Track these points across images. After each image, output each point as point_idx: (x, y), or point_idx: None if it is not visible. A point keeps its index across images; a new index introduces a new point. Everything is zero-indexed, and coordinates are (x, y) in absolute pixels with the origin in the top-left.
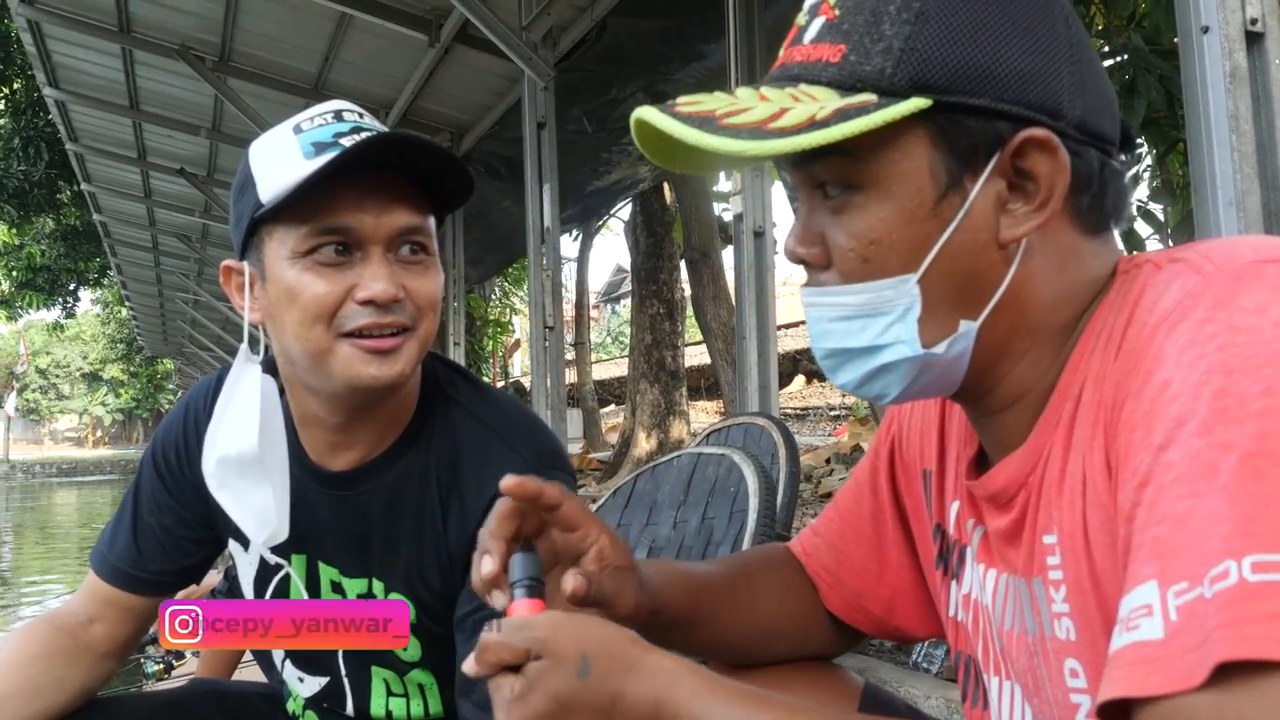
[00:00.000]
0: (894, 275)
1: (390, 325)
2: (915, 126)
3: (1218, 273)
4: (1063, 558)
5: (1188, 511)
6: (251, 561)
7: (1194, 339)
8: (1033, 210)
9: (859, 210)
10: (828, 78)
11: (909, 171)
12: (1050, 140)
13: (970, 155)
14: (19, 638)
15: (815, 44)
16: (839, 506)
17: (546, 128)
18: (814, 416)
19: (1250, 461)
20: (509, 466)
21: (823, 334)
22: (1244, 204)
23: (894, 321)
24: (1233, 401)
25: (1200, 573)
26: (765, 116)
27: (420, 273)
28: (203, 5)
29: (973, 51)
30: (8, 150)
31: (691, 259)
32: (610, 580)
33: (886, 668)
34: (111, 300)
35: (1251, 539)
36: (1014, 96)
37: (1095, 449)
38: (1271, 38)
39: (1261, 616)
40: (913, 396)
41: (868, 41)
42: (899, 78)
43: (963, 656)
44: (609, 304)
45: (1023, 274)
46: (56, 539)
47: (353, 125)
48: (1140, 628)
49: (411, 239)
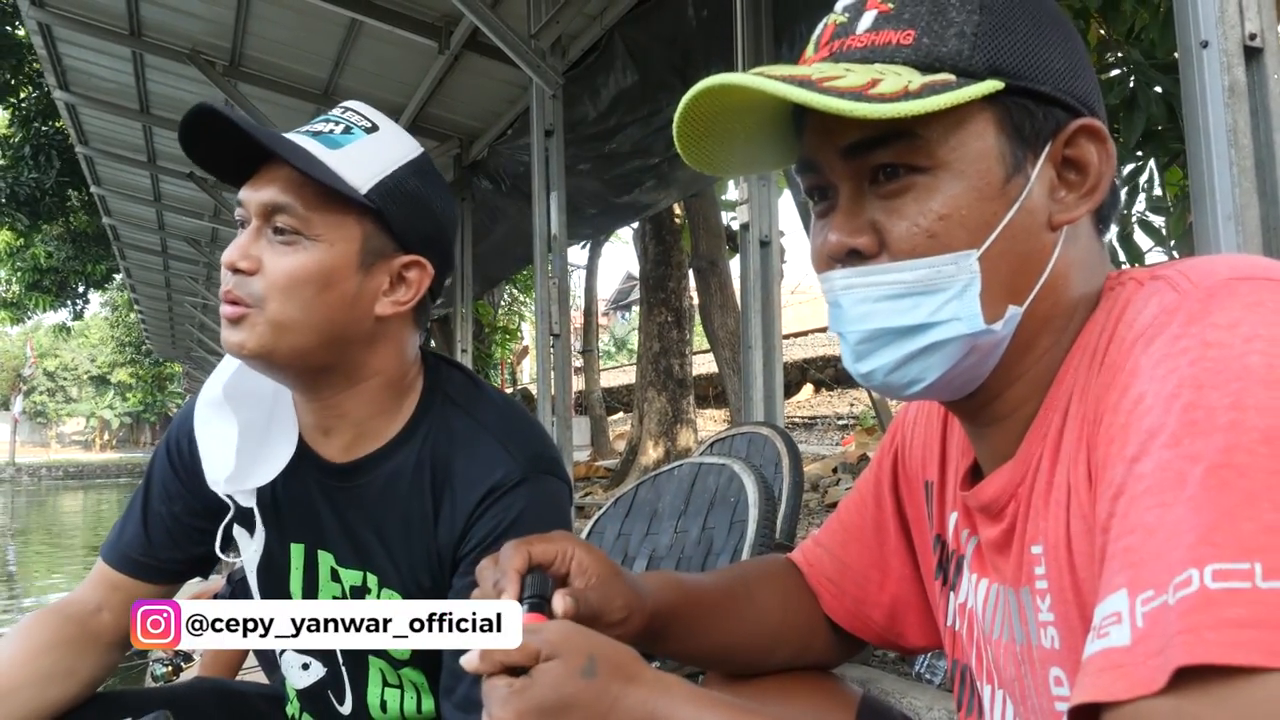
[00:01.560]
0: (958, 251)
1: (229, 297)
2: (984, 109)
3: (1193, 290)
4: (1048, 568)
5: (1156, 521)
6: (257, 548)
7: (1168, 353)
8: (1081, 197)
9: (926, 190)
10: (903, 57)
11: (980, 152)
12: (1102, 130)
13: (1032, 139)
14: (30, 627)
15: (875, 32)
16: (842, 516)
17: (554, 135)
18: (821, 426)
19: (1216, 473)
20: (501, 468)
21: (864, 315)
22: (1242, 218)
23: (952, 298)
24: (1202, 415)
25: (1165, 581)
26: (862, 83)
27: (281, 253)
28: (213, 10)
29: (1034, 42)
30: (18, 159)
31: (699, 267)
32: (595, 593)
33: (889, 679)
34: (120, 303)
35: (1214, 548)
36: (1068, 88)
37: (1079, 461)
38: (1270, 53)
39: (1220, 623)
40: (942, 386)
41: (937, 26)
42: (976, 59)
43: (958, 665)
44: (618, 311)
45: (1061, 261)
46: (61, 543)
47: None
48: (1109, 635)
49: (279, 217)
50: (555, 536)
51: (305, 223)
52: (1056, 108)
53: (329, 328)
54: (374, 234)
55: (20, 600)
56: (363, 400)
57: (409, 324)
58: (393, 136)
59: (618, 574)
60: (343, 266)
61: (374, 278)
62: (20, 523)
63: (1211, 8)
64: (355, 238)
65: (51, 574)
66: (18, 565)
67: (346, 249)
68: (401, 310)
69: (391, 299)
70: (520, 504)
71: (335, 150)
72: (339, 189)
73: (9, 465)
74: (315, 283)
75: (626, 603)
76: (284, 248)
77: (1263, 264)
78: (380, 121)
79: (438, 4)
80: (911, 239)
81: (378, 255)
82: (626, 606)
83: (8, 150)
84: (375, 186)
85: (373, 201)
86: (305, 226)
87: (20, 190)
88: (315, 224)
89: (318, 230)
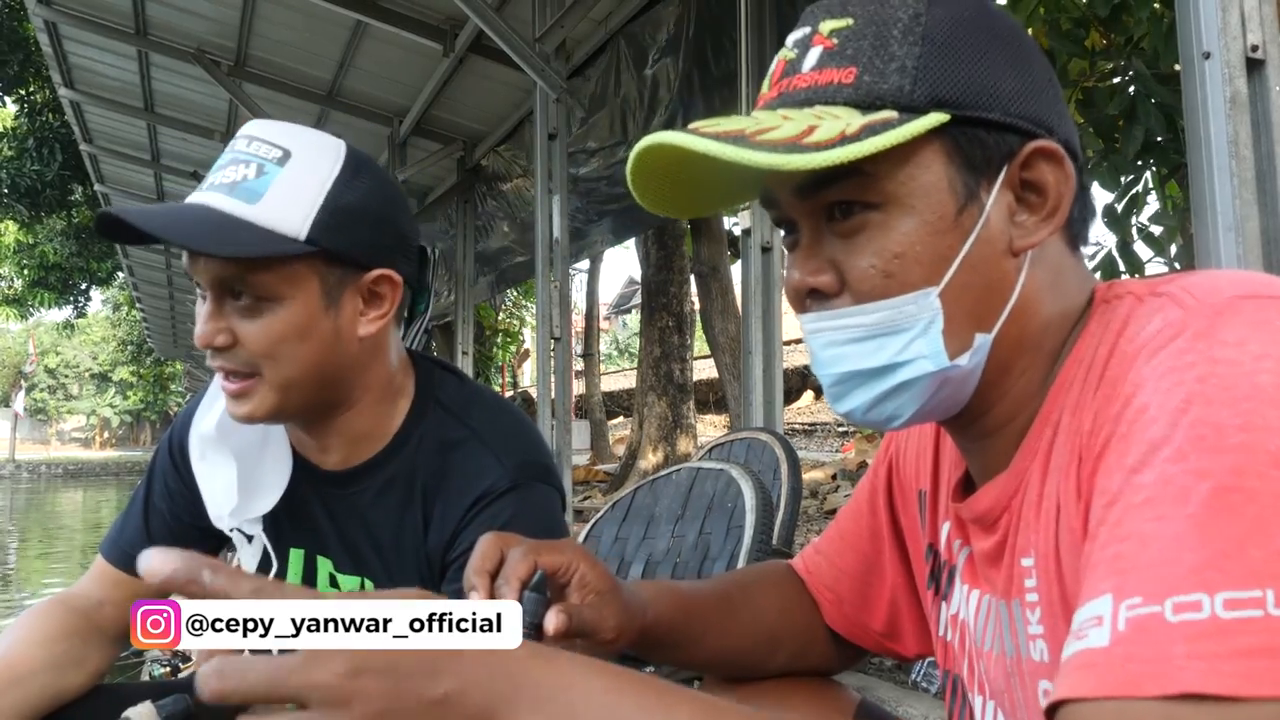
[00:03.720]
0: (916, 289)
1: (221, 370)
2: (931, 141)
3: (1199, 307)
4: (1038, 580)
5: (1153, 533)
6: (254, 553)
7: (1174, 367)
8: (1041, 220)
9: (879, 228)
10: (844, 97)
11: (929, 185)
12: (1057, 151)
13: (984, 167)
14: (37, 616)
15: (819, 70)
16: (840, 525)
17: (557, 139)
18: (822, 432)
19: (1225, 495)
20: (490, 474)
21: (834, 359)
22: (1243, 229)
23: (915, 337)
24: (1210, 431)
25: (1160, 593)
26: (797, 133)
27: (249, 320)
28: (219, 10)
29: (978, 69)
30: (21, 150)
31: (701, 273)
32: (590, 610)
33: (886, 686)
34: (122, 301)
35: (1225, 575)
36: (1018, 111)
37: (1069, 475)
38: (1272, 64)
39: (1234, 653)
40: (922, 418)
41: (879, 62)
42: (918, 93)
43: (950, 676)
44: (619, 315)
45: (1028, 285)
46: (61, 539)
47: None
48: (1088, 637)
49: (235, 286)
50: (563, 546)
51: (259, 288)
52: (1008, 133)
53: (323, 370)
54: (330, 270)
55: (18, 594)
56: (357, 418)
57: (390, 330)
58: (309, 156)
59: (616, 591)
60: (312, 314)
61: (346, 307)
62: (20, 520)
63: (1214, 19)
64: (313, 283)
65: (51, 570)
66: (18, 561)
67: (309, 297)
68: (382, 324)
69: (369, 317)
70: (509, 510)
71: (256, 203)
72: (276, 252)
73: (9, 462)
74: (292, 339)
75: (618, 624)
76: (249, 313)
77: (1265, 281)
78: (291, 143)
79: (443, 7)
80: (869, 279)
81: (341, 285)
82: (618, 627)
83: (13, 142)
84: (313, 225)
85: (315, 243)
86: (261, 291)
87: (21, 181)
88: (269, 285)
89: (274, 290)
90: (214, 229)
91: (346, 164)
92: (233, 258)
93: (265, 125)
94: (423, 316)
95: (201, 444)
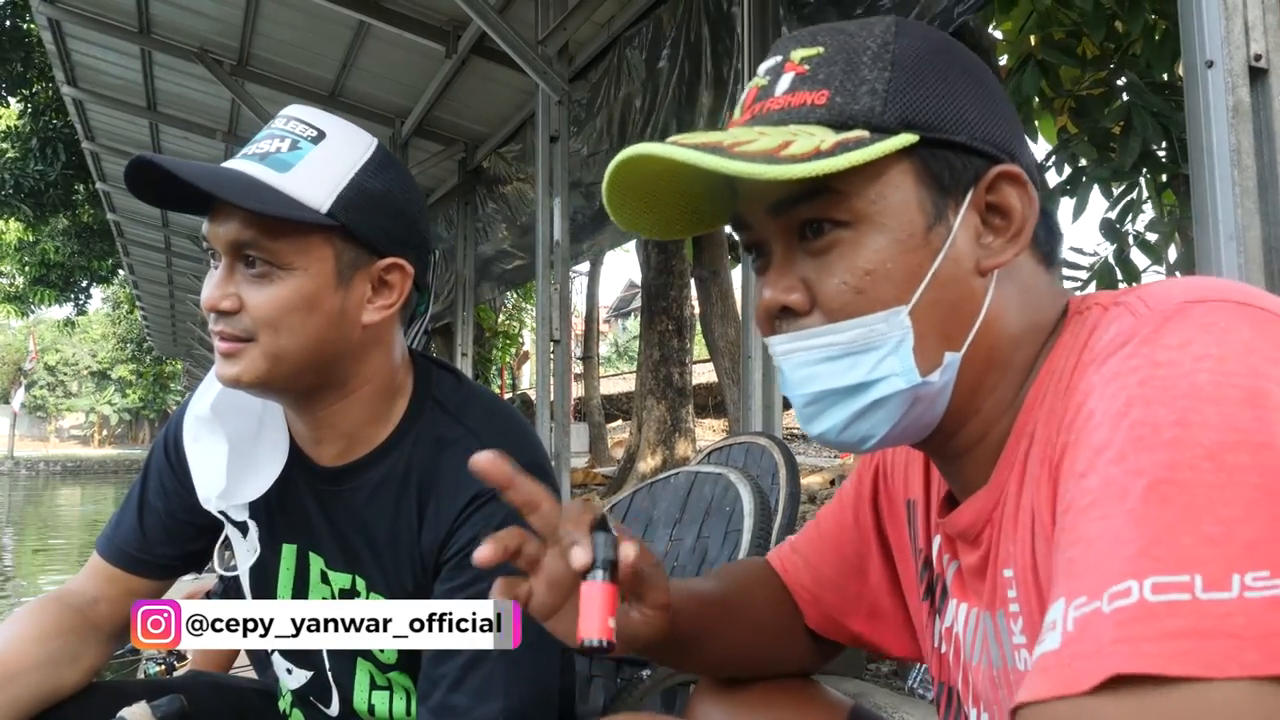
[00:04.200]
0: (886, 307)
1: (219, 335)
2: (900, 161)
3: (1149, 314)
4: (1019, 591)
5: (1097, 534)
6: (249, 549)
7: (1118, 372)
8: (1007, 241)
9: (850, 245)
10: (817, 117)
11: (899, 203)
12: (1021, 175)
13: (952, 188)
14: (33, 613)
15: (792, 93)
16: (820, 526)
17: (559, 141)
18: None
19: (1158, 488)
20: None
21: (806, 379)
22: (1244, 239)
23: (887, 355)
24: (1147, 431)
25: (1099, 589)
26: (774, 146)
27: (258, 287)
28: (222, 9)
29: (945, 95)
30: (25, 150)
31: (701, 277)
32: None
33: (883, 692)
34: (123, 299)
35: (1155, 561)
36: (983, 136)
37: (1043, 485)
38: (1275, 74)
39: (1159, 634)
40: (895, 438)
41: (850, 85)
42: (889, 115)
43: (945, 688)
44: (619, 319)
45: (996, 303)
46: (59, 536)
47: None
48: (1044, 641)
49: (249, 252)
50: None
51: (274, 254)
52: (975, 156)
53: (321, 349)
54: (346, 248)
55: (16, 591)
56: (354, 409)
57: (395, 325)
58: (342, 140)
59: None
60: (322, 288)
61: (355, 289)
62: (19, 516)
63: (1217, 28)
64: (327, 257)
65: (49, 567)
66: (16, 558)
67: (321, 270)
68: (388, 314)
69: (376, 305)
70: (504, 511)
71: (285, 173)
72: (298, 217)
73: (8, 459)
74: (299, 310)
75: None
76: (260, 281)
77: (1220, 286)
78: (327, 126)
79: (446, 8)
80: (840, 296)
81: (354, 267)
82: (667, 596)
83: (16, 142)
84: (336, 201)
85: (336, 218)
86: (274, 258)
87: (25, 181)
88: (284, 253)
89: (288, 259)
90: (243, 187)
91: (376, 155)
92: (257, 215)
93: (305, 109)
94: (423, 317)
95: (196, 424)
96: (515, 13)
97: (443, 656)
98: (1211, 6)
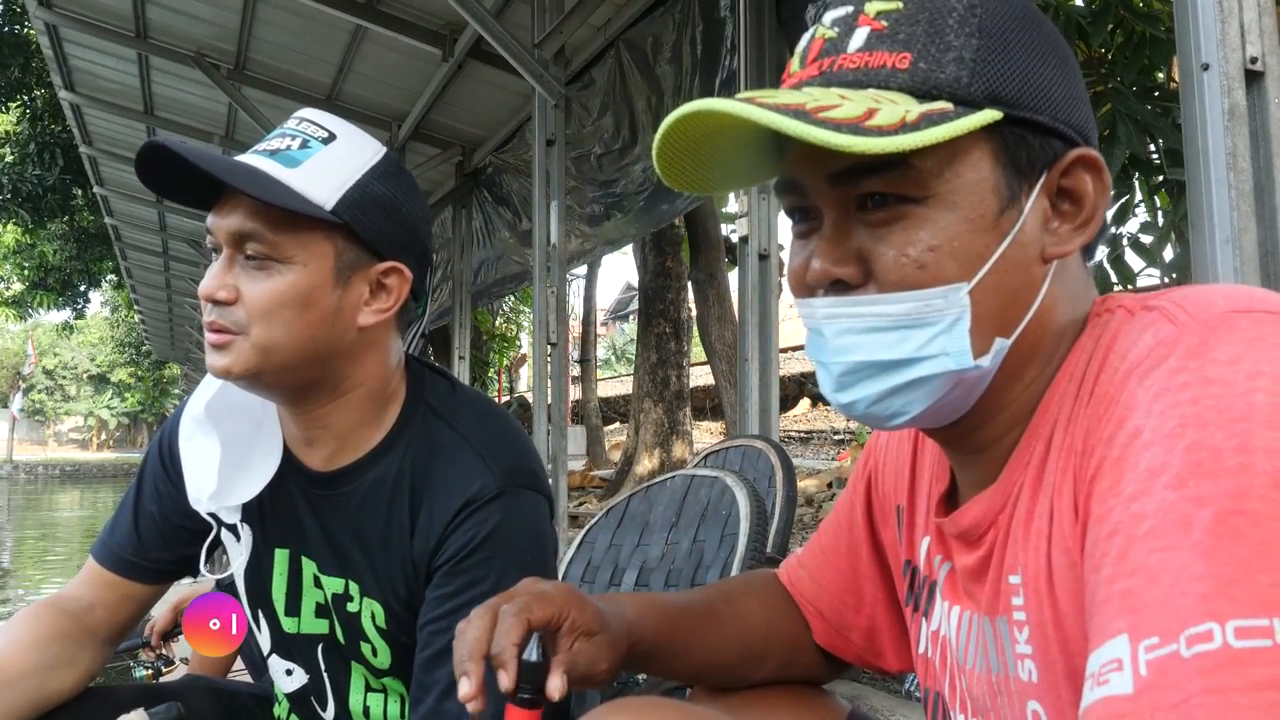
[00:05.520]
0: (948, 283)
1: (210, 325)
2: (981, 139)
3: (1191, 322)
4: (1026, 599)
5: (1160, 566)
6: (243, 553)
7: (1167, 388)
8: (1075, 229)
9: (916, 220)
10: (898, 83)
11: (974, 183)
12: (1099, 160)
13: (1027, 170)
14: (28, 619)
15: (869, 51)
16: (821, 540)
17: (555, 145)
18: (818, 440)
19: (1227, 520)
20: (478, 480)
21: (848, 347)
22: (1240, 242)
23: (940, 333)
24: (1207, 456)
25: (1174, 630)
26: (859, 114)
27: (256, 279)
28: (219, 14)
29: (1033, 69)
30: (24, 155)
31: (698, 279)
32: (583, 656)
33: (879, 696)
34: (121, 303)
35: (1234, 602)
36: (1064, 117)
37: (1064, 493)
38: (1271, 77)
39: (1248, 685)
40: (926, 419)
41: (934, 50)
42: (975, 87)
43: (931, 693)
44: (616, 321)
45: (1050, 294)
46: (57, 540)
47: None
48: (1110, 682)
49: (248, 244)
50: (552, 596)
51: (275, 247)
52: (1053, 138)
53: (313, 345)
54: (346, 247)
55: (15, 592)
56: (347, 411)
57: (391, 330)
58: (352, 143)
59: (606, 629)
60: (319, 285)
61: (353, 290)
62: (18, 519)
63: (1213, 30)
64: (327, 254)
65: (47, 570)
66: (15, 561)
67: (320, 267)
68: (384, 318)
69: (373, 308)
70: (496, 517)
71: (294, 169)
72: (302, 210)
73: (7, 462)
74: (294, 305)
75: (610, 662)
76: (258, 273)
77: (1259, 295)
78: (338, 129)
79: (442, 12)
80: (900, 269)
81: (353, 267)
82: (610, 665)
83: (14, 147)
84: (341, 200)
85: (339, 216)
86: (275, 251)
87: (23, 187)
88: (285, 247)
89: (289, 252)
90: (250, 176)
91: (384, 161)
92: (261, 206)
93: (318, 113)
94: (419, 320)
95: (191, 425)
96: (511, 16)
97: (435, 663)
98: (1207, 9)
